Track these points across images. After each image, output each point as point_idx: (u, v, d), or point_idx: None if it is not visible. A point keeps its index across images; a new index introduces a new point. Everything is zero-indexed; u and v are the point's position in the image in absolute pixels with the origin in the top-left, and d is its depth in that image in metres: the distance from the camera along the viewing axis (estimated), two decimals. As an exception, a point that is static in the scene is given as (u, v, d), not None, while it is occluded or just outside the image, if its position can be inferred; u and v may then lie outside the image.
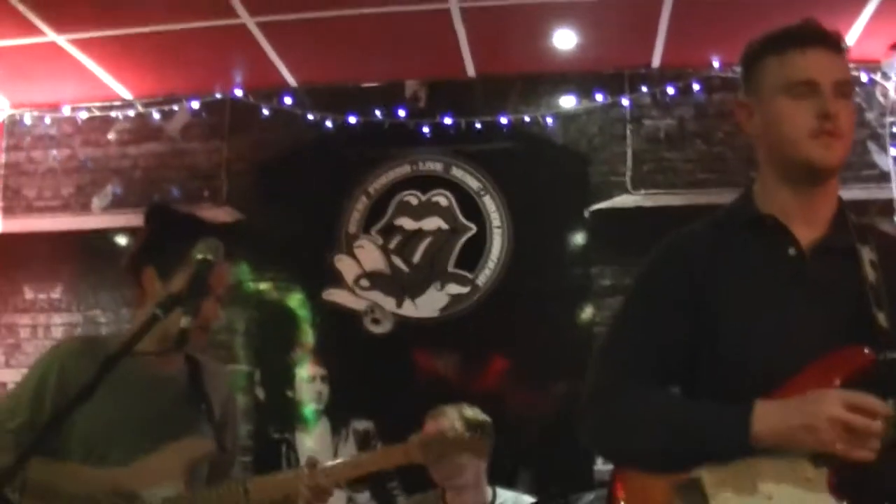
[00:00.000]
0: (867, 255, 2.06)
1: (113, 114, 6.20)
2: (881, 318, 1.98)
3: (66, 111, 6.25)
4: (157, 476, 2.48)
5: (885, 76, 5.84)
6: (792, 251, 2.07)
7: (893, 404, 1.87)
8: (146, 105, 6.17)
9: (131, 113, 6.19)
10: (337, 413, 5.77)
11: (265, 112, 6.04)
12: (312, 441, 5.70)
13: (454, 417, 4.09)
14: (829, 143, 2.00)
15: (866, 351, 1.94)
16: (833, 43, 2.06)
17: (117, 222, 6.08)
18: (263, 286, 5.96)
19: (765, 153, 2.13)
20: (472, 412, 4.17)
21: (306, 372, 5.82)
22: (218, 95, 6.12)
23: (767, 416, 1.92)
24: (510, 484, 4.39)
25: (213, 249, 2.37)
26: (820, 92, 2.00)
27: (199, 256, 2.35)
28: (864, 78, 5.84)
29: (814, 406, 1.87)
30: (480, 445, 2.64)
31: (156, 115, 6.17)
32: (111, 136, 6.22)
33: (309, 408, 5.79)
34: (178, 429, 2.57)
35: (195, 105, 6.14)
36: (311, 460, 2.62)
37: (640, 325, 2.19)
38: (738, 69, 2.23)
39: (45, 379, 2.55)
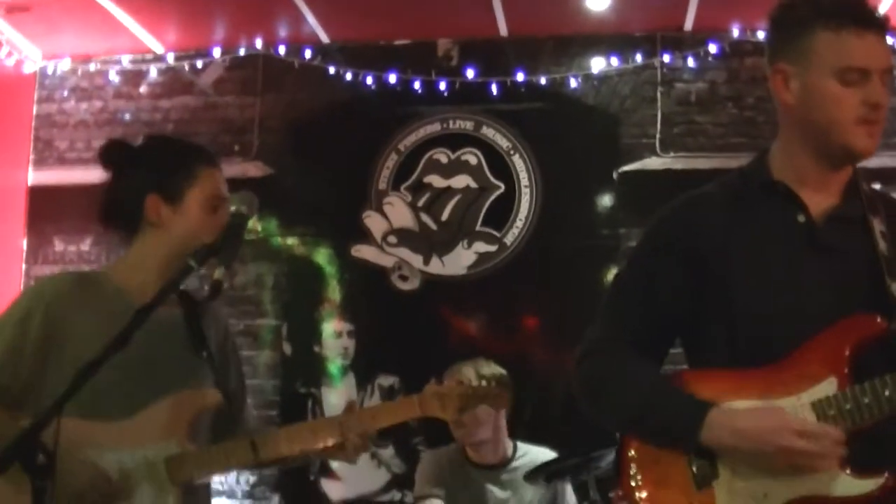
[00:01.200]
0: (878, 225, 2.07)
1: (145, 67, 6.21)
2: (893, 287, 2.00)
3: (98, 64, 6.26)
4: (158, 432, 2.36)
5: (918, 43, 5.81)
6: (801, 218, 2.09)
7: None
8: (178, 59, 6.18)
9: (163, 66, 6.20)
10: (362, 369, 5.81)
11: (298, 68, 6.04)
12: (338, 396, 5.73)
13: (470, 372, 4.13)
14: (872, 132, 2.03)
15: (879, 319, 1.96)
16: (885, 27, 2.05)
17: (150, 176, 6.08)
18: (292, 241, 5.99)
19: (795, 123, 2.11)
20: (489, 366, 4.20)
21: (333, 327, 5.86)
22: (250, 50, 6.12)
23: (718, 428, 1.97)
24: (534, 440, 4.40)
25: (247, 202, 2.38)
26: (870, 80, 2.00)
27: (234, 208, 2.36)
28: (893, 43, 5.81)
29: (767, 435, 1.91)
30: (496, 396, 2.62)
31: (188, 69, 6.18)
32: (143, 89, 6.23)
33: (335, 363, 5.83)
34: (180, 377, 2.44)
35: (227, 59, 6.14)
36: (352, 405, 2.55)
37: (639, 285, 2.22)
38: (769, 26, 2.18)
39: (28, 318, 2.38)
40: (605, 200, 5.86)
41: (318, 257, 5.95)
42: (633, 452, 2.13)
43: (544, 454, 4.30)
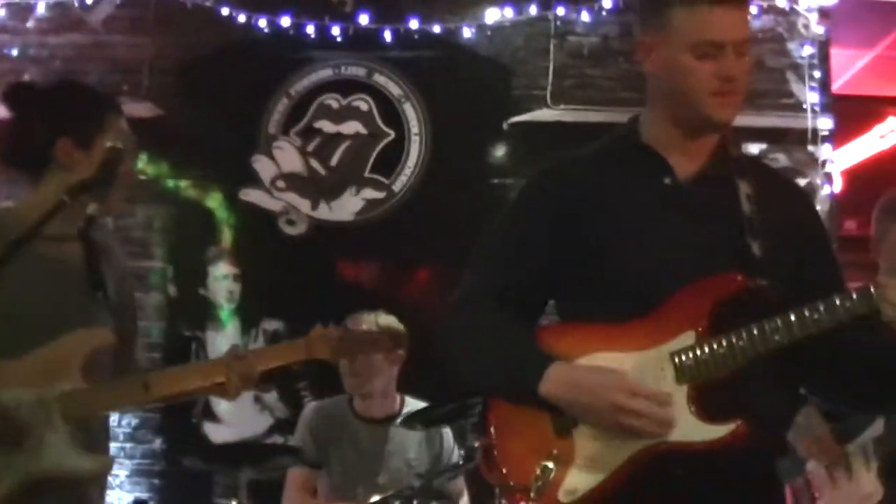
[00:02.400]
0: (744, 188, 2.13)
1: (33, 1, 6.06)
2: (755, 247, 2.06)
3: (-14, -1, 6.12)
4: (52, 371, 2.36)
5: (808, 7, 5.90)
6: (667, 180, 2.14)
7: (756, 327, 1.96)
8: (68, -6, 6.06)
9: (52, 1, 6.05)
10: (248, 312, 5.78)
11: (191, 9, 5.94)
12: (222, 340, 5.70)
13: (369, 321, 4.15)
14: (727, 103, 2.08)
15: (739, 277, 2.02)
16: None
17: (35, 112, 5.97)
18: (182, 184, 5.93)
19: (659, 92, 2.16)
20: (388, 319, 4.21)
21: (219, 271, 5.82)
22: (142, -12, 6.02)
23: (556, 382, 2.01)
24: (421, 390, 4.41)
25: (125, 138, 2.38)
26: (724, 52, 2.04)
27: (110, 144, 2.34)
28: (787, 7, 5.90)
29: (599, 390, 1.96)
30: (384, 344, 2.64)
31: (77, 5, 6.04)
32: (30, 24, 6.08)
33: (220, 306, 5.80)
34: (76, 318, 2.45)
35: (119, -3, 6.04)
36: (235, 350, 2.60)
37: (510, 243, 2.24)
38: None
39: None
40: (495, 150, 5.88)
41: (206, 200, 5.89)
42: (495, 402, 2.15)
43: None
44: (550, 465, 2.01)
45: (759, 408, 2.03)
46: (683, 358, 1.99)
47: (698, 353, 1.98)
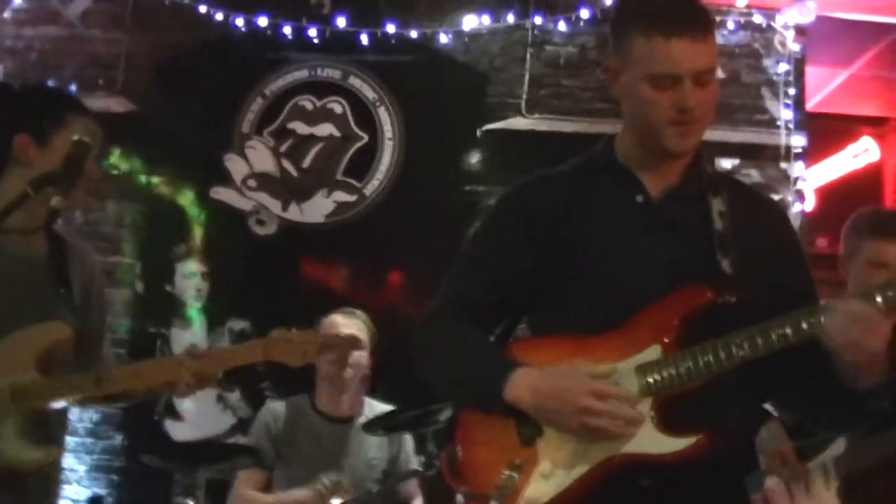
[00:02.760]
0: (717, 205, 2.14)
1: (10, -7, 6.07)
2: (725, 264, 2.06)
3: (-40, -14, 6.11)
4: (6, 364, 2.37)
5: (785, 24, 5.91)
6: (640, 198, 2.15)
7: (721, 343, 1.96)
8: (46, -13, 6.06)
9: (30, -6, 6.07)
10: (214, 311, 5.77)
11: (168, 6, 5.93)
12: (189, 337, 5.66)
13: (337, 319, 4.16)
14: (686, 132, 2.08)
15: (706, 290, 2.02)
16: (700, 26, 2.06)
17: (9, 103, 5.96)
18: (153, 180, 5.92)
19: (627, 117, 2.18)
20: (353, 315, 4.21)
21: (188, 268, 5.80)
22: (121, -17, 6.02)
23: (520, 388, 2.01)
24: (391, 394, 4.42)
25: (91, 133, 2.37)
26: (681, 84, 2.03)
27: (76, 138, 2.34)
28: (763, 24, 5.92)
29: (565, 394, 1.96)
30: (346, 352, 2.67)
31: (54, -1, 6.05)
32: (6, 14, 6.06)
33: (187, 304, 5.78)
34: (34, 313, 2.46)
35: (97, -9, 6.03)
36: (192, 349, 2.58)
37: (486, 257, 2.25)
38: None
39: None
40: (469, 157, 5.87)
41: (178, 197, 5.88)
42: (463, 411, 2.16)
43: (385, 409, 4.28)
44: (513, 473, 2.02)
45: (724, 421, 2.05)
46: (648, 371, 1.99)
47: (663, 366, 1.98)
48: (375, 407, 4.27)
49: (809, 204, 5.96)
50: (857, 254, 3.21)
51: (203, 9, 5.90)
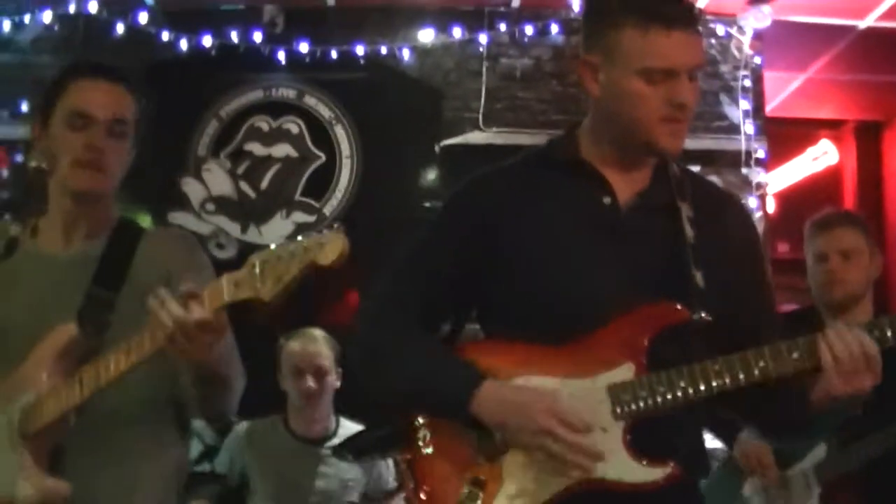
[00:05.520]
0: (686, 210, 2.05)
1: (-40, 22, 6.01)
2: (698, 277, 1.99)
3: (-88, 16, 6.03)
4: (25, 382, 2.18)
5: (741, 30, 5.93)
6: (607, 200, 2.06)
7: (698, 368, 1.90)
8: (-4, 14, 5.99)
9: (-20, 21, 6.00)
10: (174, 337, 5.70)
11: (119, 29, 5.89)
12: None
13: (304, 342, 4.14)
14: (677, 130, 1.99)
15: (680, 307, 1.95)
16: (694, 21, 1.99)
17: (-37, 129, 5.92)
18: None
19: (602, 113, 2.06)
20: (319, 334, 4.21)
21: (147, 293, 5.74)
22: (71, 9, 5.94)
23: (488, 400, 1.94)
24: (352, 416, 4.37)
25: (48, 157, 2.27)
26: (677, 79, 1.95)
27: (34, 164, 2.26)
28: (720, 31, 5.93)
29: (530, 412, 1.90)
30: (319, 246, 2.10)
31: (6, 25, 5.96)
32: (-42, 43, 6.04)
33: (146, 331, 5.71)
34: (59, 319, 2.22)
35: (47, 17, 5.94)
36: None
37: (427, 257, 2.18)
38: (583, 16, 2.15)
39: None
40: (427, 173, 5.87)
41: (136, 223, 5.82)
42: (421, 419, 2.08)
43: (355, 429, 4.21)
44: (476, 490, 1.97)
45: (689, 442, 2.02)
46: (621, 392, 1.92)
47: (637, 389, 1.91)
48: (349, 427, 4.23)
49: (770, 209, 5.98)
50: (808, 256, 3.37)
51: (154, 30, 5.86)
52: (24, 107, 5.85)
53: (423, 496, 2.03)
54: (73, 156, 2.26)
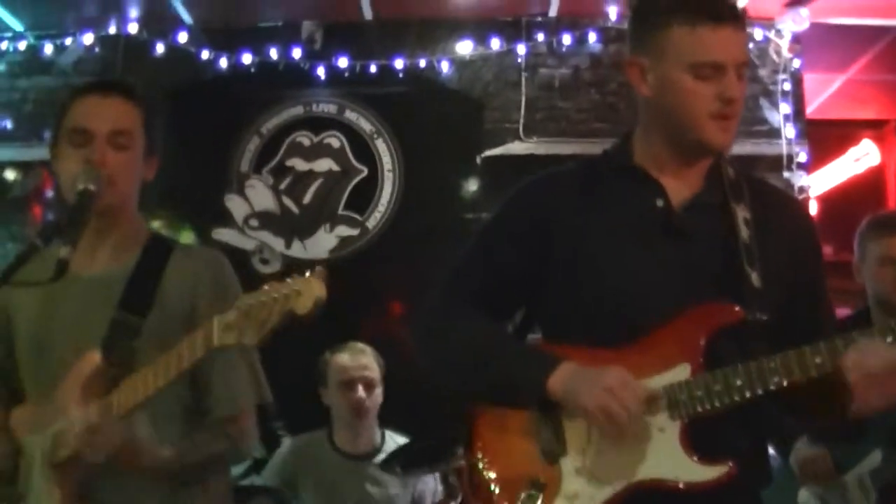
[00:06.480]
0: (741, 212, 2.08)
1: (3, 46, 6.07)
2: (754, 277, 2.01)
3: (-44, 42, 6.13)
4: (54, 410, 2.20)
5: (779, 33, 5.90)
6: (660, 202, 2.09)
7: (754, 366, 1.90)
8: (38, 37, 6.05)
9: (22, 45, 6.07)
10: (221, 351, 5.72)
11: (159, 49, 5.95)
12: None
13: (352, 354, 4.14)
14: (727, 126, 2.02)
15: (737, 308, 1.97)
16: (740, 18, 2.04)
17: (6, 156, 5.97)
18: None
19: (653, 114, 2.12)
20: (363, 348, 4.22)
21: (193, 311, 5.77)
22: (112, 31, 6.01)
23: (564, 377, 1.97)
24: (400, 429, 4.38)
25: (94, 179, 2.27)
26: (725, 74, 1.99)
27: (81, 186, 2.24)
28: (758, 35, 5.90)
29: (598, 376, 1.93)
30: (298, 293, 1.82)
31: (48, 48, 6.05)
32: (1, 67, 6.10)
33: (196, 348, 5.74)
34: (90, 342, 2.22)
35: (88, 39, 6.03)
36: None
37: (484, 255, 2.22)
38: (630, 17, 2.19)
39: None
40: (469, 185, 5.86)
41: (179, 240, 5.84)
42: (481, 422, 2.13)
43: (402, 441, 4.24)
44: (536, 492, 1.99)
45: (748, 443, 2.02)
46: (677, 392, 1.94)
47: (693, 388, 1.93)
48: (395, 439, 4.24)
49: (812, 212, 5.94)
50: (867, 257, 3.33)
51: (195, 51, 5.91)
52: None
53: (482, 501, 2.07)
54: (78, 172, 2.27)
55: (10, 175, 5.99)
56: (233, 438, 2.39)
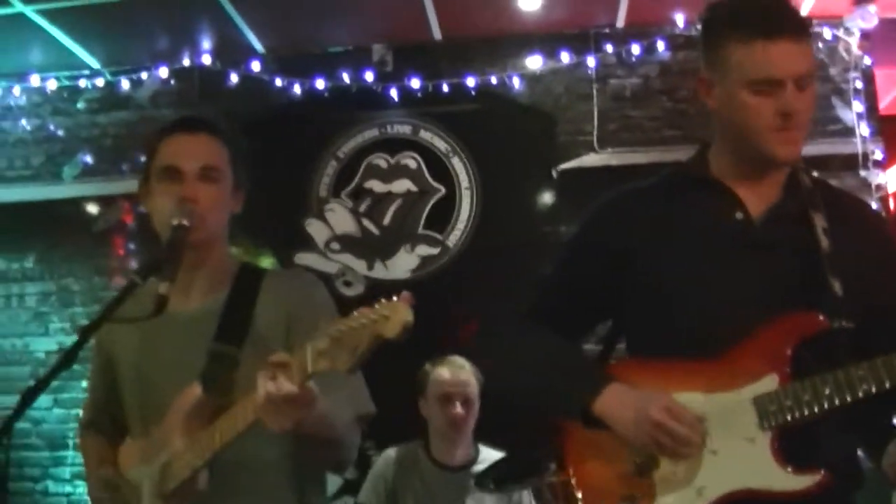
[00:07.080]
0: (819, 221, 2.08)
1: (81, 83, 6.20)
2: (836, 286, 2.01)
3: (35, 81, 6.25)
4: (160, 442, 2.25)
5: (848, 31, 5.87)
6: (739, 215, 2.10)
7: (842, 374, 1.91)
8: (114, 73, 6.18)
9: (100, 82, 6.20)
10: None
11: (233, 79, 6.05)
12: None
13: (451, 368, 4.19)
14: (790, 139, 2.02)
15: (821, 317, 1.97)
16: (799, 29, 2.02)
17: (88, 191, 6.11)
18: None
19: (723, 129, 2.13)
20: (461, 362, 4.24)
21: (280, 336, 5.83)
22: (186, 63, 6.12)
23: (611, 401, 2.02)
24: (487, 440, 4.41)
25: (187, 214, 2.29)
26: (784, 88, 1.98)
27: (175, 222, 2.26)
28: (826, 34, 5.87)
29: (642, 406, 1.97)
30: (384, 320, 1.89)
31: (124, 84, 6.17)
32: (80, 105, 6.23)
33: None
34: (190, 377, 2.25)
35: (163, 73, 6.14)
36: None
37: (562, 275, 2.27)
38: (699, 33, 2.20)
39: (94, 353, 2.54)
40: (545, 198, 5.89)
41: (262, 266, 5.91)
42: (572, 438, 2.15)
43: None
44: None
45: (839, 451, 2.02)
46: (767, 403, 1.95)
47: (782, 398, 1.94)
48: (490, 454, 4.27)
49: (891, 209, 5.91)
50: None
51: (268, 79, 6.00)
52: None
53: None
54: (171, 208, 2.30)
55: (92, 209, 6.10)
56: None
